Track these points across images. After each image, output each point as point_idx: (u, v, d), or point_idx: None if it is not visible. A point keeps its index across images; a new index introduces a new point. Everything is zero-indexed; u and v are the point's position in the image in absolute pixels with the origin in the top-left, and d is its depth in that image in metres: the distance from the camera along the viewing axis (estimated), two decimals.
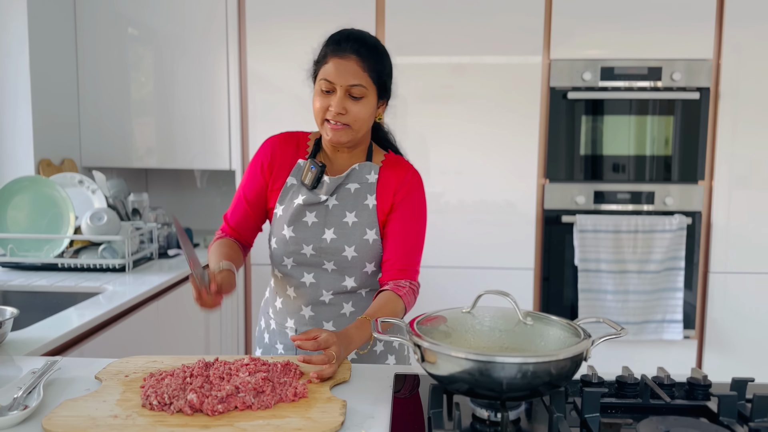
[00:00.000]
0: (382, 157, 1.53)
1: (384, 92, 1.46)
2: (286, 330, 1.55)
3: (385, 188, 1.48)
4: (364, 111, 1.41)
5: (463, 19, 2.79)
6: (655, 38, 2.76)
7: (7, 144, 2.53)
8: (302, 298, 1.51)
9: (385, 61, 1.45)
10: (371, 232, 1.46)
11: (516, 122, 2.83)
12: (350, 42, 1.39)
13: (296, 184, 1.49)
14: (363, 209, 1.47)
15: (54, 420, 1.04)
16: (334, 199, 1.48)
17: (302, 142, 1.55)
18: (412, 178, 1.50)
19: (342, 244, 1.45)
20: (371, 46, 1.41)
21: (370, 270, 1.49)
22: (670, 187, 2.83)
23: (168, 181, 3.43)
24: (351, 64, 1.38)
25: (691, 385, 1.18)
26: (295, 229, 1.46)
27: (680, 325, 2.81)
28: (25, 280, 2.15)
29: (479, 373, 0.98)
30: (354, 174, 1.49)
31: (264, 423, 1.03)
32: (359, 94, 1.39)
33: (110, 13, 2.87)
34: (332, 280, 1.48)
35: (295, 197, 1.48)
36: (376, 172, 1.49)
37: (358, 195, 1.48)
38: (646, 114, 2.80)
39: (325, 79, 1.39)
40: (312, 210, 1.47)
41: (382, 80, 1.43)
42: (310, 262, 1.48)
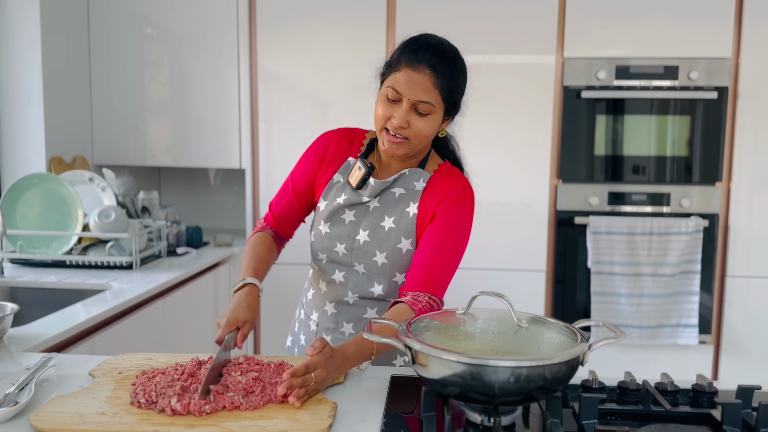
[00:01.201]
0: (436, 166, 1.45)
1: (452, 109, 1.37)
2: (310, 322, 1.52)
3: (429, 197, 1.40)
4: (427, 128, 1.32)
5: (475, 19, 2.75)
6: (672, 36, 2.70)
7: (19, 141, 2.56)
8: (329, 294, 1.47)
9: (461, 78, 1.36)
10: (406, 241, 1.39)
11: (529, 122, 2.79)
12: (428, 54, 1.30)
13: (342, 181, 1.44)
14: (402, 216, 1.40)
15: (42, 416, 1.03)
16: (376, 202, 1.42)
17: (357, 139, 1.49)
18: (462, 191, 1.40)
19: (374, 248, 1.40)
20: (449, 62, 1.32)
21: (400, 280, 1.42)
22: (686, 189, 2.76)
23: (180, 180, 3.44)
24: (424, 78, 1.29)
25: (696, 392, 1.14)
26: (332, 226, 1.43)
27: (696, 329, 2.74)
28: (34, 277, 2.16)
29: (471, 376, 0.96)
30: (402, 179, 1.42)
31: (251, 424, 1.01)
32: (426, 111, 1.31)
33: (123, 11, 2.88)
34: (360, 283, 1.43)
35: (338, 195, 1.43)
36: (425, 181, 1.41)
37: (401, 201, 1.41)
38: (665, 114, 2.74)
39: (393, 87, 1.31)
40: (351, 209, 1.42)
41: (453, 99, 1.35)
42: (342, 260, 1.43)
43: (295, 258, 2.85)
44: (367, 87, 1.50)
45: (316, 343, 1.14)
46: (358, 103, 2.78)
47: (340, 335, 1.47)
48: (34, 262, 2.30)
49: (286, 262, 2.89)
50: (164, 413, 1.05)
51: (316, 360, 1.11)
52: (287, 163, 2.89)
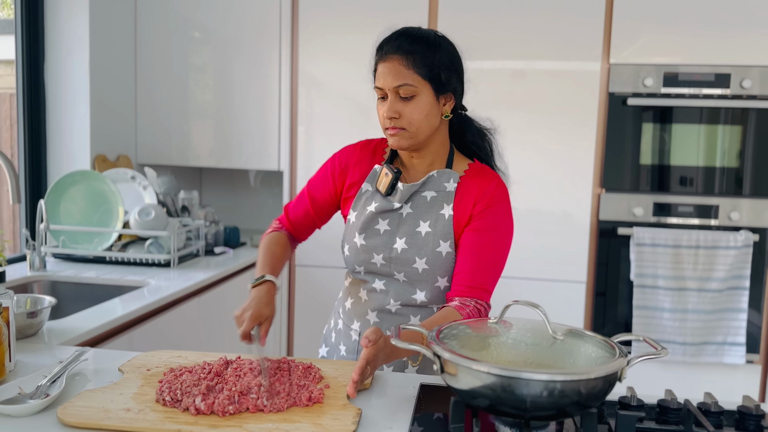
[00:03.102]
0: (466, 165, 1.42)
1: (441, 86, 1.33)
2: (350, 332, 1.48)
3: (464, 198, 1.37)
4: (417, 111, 1.31)
5: (518, 24, 2.70)
6: (723, 43, 2.61)
7: (65, 139, 2.62)
8: (371, 303, 1.43)
9: (436, 51, 1.32)
10: (445, 244, 1.36)
11: (572, 129, 2.72)
12: (391, 41, 1.32)
13: (371, 190, 1.42)
14: (438, 219, 1.36)
15: (69, 410, 1.04)
16: (408, 207, 1.39)
17: (380, 148, 1.48)
18: (496, 189, 1.38)
19: (413, 255, 1.36)
20: (414, 39, 1.31)
21: (442, 285, 1.39)
22: (736, 202, 2.65)
23: (221, 181, 3.48)
24: (393, 64, 1.30)
25: (742, 415, 1.08)
26: (367, 237, 1.40)
27: (743, 348, 2.63)
28: (75, 272, 2.20)
29: (502, 389, 0.92)
30: (431, 181, 1.39)
31: (273, 426, 1.00)
32: (408, 93, 1.30)
33: (169, 14, 2.93)
34: (402, 291, 1.40)
35: (368, 204, 1.41)
36: (456, 181, 1.38)
37: (434, 204, 1.38)
38: (714, 123, 2.64)
39: (376, 86, 1.34)
40: (385, 218, 1.40)
41: (435, 73, 1.31)
42: (380, 271, 1.40)
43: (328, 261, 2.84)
44: None
45: (371, 336, 1.13)
46: None
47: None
48: (75, 257, 2.34)
49: (322, 265, 2.89)
50: (188, 412, 1.04)
51: (373, 353, 1.13)
52: None
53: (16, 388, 1.11)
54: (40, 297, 1.56)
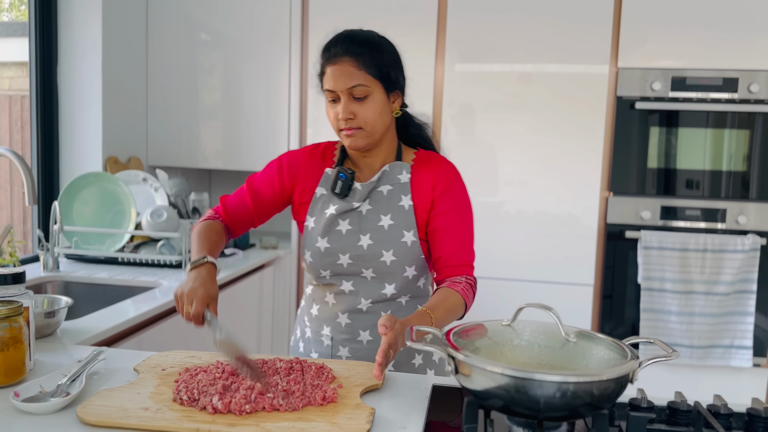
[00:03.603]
0: (413, 155, 1.48)
1: (391, 84, 1.38)
2: (321, 338, 1.50)
3: (420, 186, 1.43)
4: (371, 110, 1.35)
5: (527, 27, 2.72)
6: (731, 48, 2.62)
7: (77, 141, 2.64)
8: (340, 305, 1.46)
9: (382, 51, 1.38)
10: (409, 233, 1.40)
11: (580, 132, 2.74)
12: (339, 44, 1.36)
13: (326, 193, 1.45)
14: (398, 211, 1.41)
15: (88, 409, 1.06)
16: (367, 204, 1.43)
17: (328, 152, 1.51)
18: (447, 170, 1.44)
19: (380, 249, 1.40)
20: (361, 41, 1.36)
21: (410, 274, 1.43)
22: (743, 205, 2.66)
23: (231, 182, 3.50)
24: (344, 66, 1.34)
25: (751, 417, 1.09)
26: (330, 240, 1.42)
27: (750, 351, 2.63)
28: (87, 272, 2.23)
29: (515, 389, 0.94)
30: (385, 176, 1.44)
31: (289, 425, 1.02)
32: (361, 93, 1.34)
33: (180, 18, 2.96)
34: (372, 288, 1.43)
35: (326, 207, 1.44)
36: (408, 171, 1.44)
37: (392, 197, 1.42)
38: (721, 127, 2.66)
39: (327, 89, 1.37)
40: (345, 218, 1.42)
41: (384, 72, 1.36)
42: (348, 271, 1.43)
43: None
44: (413, 93, 1.50)
45: (387, 323, 1.14)
46: None
47: (357, 344, 1.46)
48: (88, 258, 2.37)
49: None
50: (205, 411, 1.06)
51: (393, 336, 1.14)
52: None
53: (37, 387, 1.13)
54: (56, 297, 1.58)
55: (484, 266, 2.91)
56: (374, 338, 1.45)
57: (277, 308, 2.89)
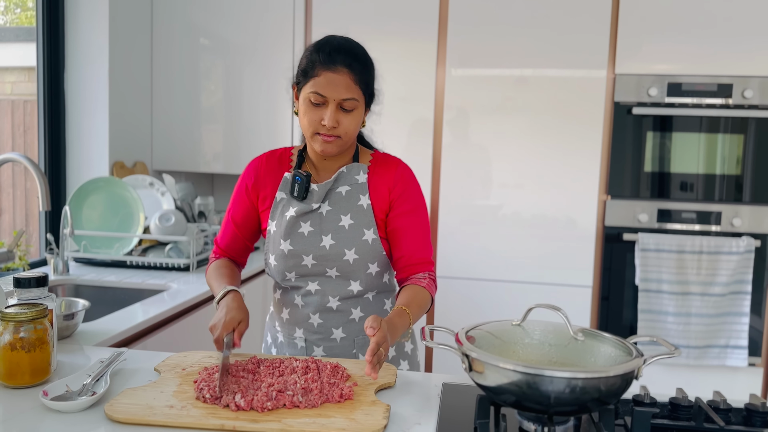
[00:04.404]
0: (369, 156, 1.53)
1: (371, 101, 1.47)
2: (295, 341, 1.53)
3: (378, 186, 1.48)
4: (354, 122, 1.41)
5: (526, 32, 2.78)
6: (726, 54, 2.68)
7: (84, 146, 2.68)
8: (310, 306, 1.49)
9: (372, 70, 1.45)
10: (369, 231, 1.45)
11: (578, 137, 2.79)
12: (341, 54, 1.39)
13: (285, 197, 1.48)
14: (357, 210, 1.46)
15: (115, 407, 1.10)
16: (327, 205, 1.47)
17: (285, 157, 1.55)
18: (403, 172, 1.50)
19: (342, 248, 1.44)
20: (360, 58, 1.41)
21: (374, 271, 1.48)
22: (738, 208, 2.73)
23: (232, 186, 3.54)
24: (343, 78, 1.37)
25: (749, 412, 1.14)
26: (293, 242, 1.45)
27: (745, 351, 2.69)
28: (96, 276, 2.26)
29: (527, 385, 0.98)
30: (343, 177, 1.48)
31: (310, 421, 1.06)
32: (351, 107, 1.39)
33: (184, 24, 3.00)
34: (337, 286, 1.47)
35: (286, 210, 1.47)
36: (365, 172, 1.49)
37: (351, 197, 1.47)
38: (716, 132, 2.72)
39: (316, 92, 1.37)
40: (306, 219, 1.46)
41: (370, 90, 1.44)
42: (312, 272, 1.46)
43: None
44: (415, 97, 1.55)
45: (373, 323, 1.19)
46: (407, 115, 2.83)
47: (331, 342, 1.50)
48: (96, 261, 2.40)
49: None
50: (228, 408, 1.11)
51: (382, 335, 1.18)
52: None
53: (63, 386, 1.17)
54: (74, 300, 1.62)
55: (485, 268, 2.97)
56: (347, 335, 1.49)
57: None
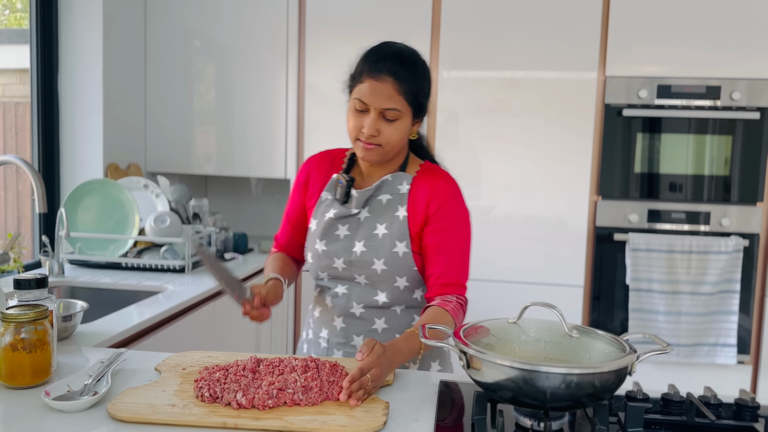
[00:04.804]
0: (417, 166, 1.50)
1: (420, 112, 1.42)
2: (319, 340, 1.55)
3: (417, 199, 1.44)
4: (397, 133, 1.38)
5: (518, 34, 2.81)
6: (714, 57, 2.72)
7: (78, 148, 2.68)
8: (336, 309, 1.50)
9: (423, 80, 1.40)
10: (401, 244, 1.42)
11: (569, 138, 2.83)
12: (387, 62, 1.35)
13: (329, 198, 1.49)
14: (393, 221, 1.44)
15: (118, 406, 1.11)
16: (366, 212, 1.46)
17: (338, 158, 1.55)
18: (446, 187, 1.45)
19: (371, 257, 1.43)
20: (409, 66, 1.37)
21: (402, 285, 1.45)
22: (727, 208, 2.77)
23: (226, 188, 3.55)
24: (387, 87, 1.34)
25: (739, 406, 1.17)
26: (327, 243, 1.46)
27: (734, 349, 2.74)
28: (91, 278, 2.27)
29: (523, 381, 1.01)
30: (385, 185, 1.46)
31: (311, 418, 1.08)
32: (393, 117, 1.36)
33: (178, 26, 3.01)
34: (364, 294, 1.46)
35: (326, 211, 1.48)
36: (409, 182, 1.46)
37: (389, 206, 1.45)
38: (704, 133, 2.76)
39: (359, 99, 1.37)
40: (344, 223, 1.46)
41: (418, 101, 1.40)
42: (342, 275, 1.47)
43: None
44: None
45: (363, 348, 1.19)
46: None
47: (351, 349, 1.49)
48: (91, 263, 2.41)
49: None
50: (230, 407, 1.12)
51: (369, 361, 1.17)
52: None
53: (65, 387, 1.18)
54: (72, 301, 1.63)
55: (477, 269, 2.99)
56: None
57: (277, 311, 2.95)
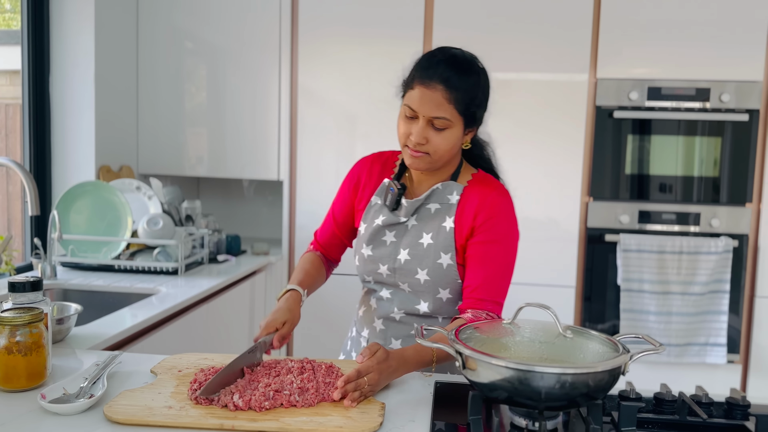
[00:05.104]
0: (470, 176, 1.45)
1: (472, 121, 1.37)
2: (360, 338, 1.55)
3: (465, 210, 1.40)
4: (445, 142, 1.34)
5: (510, 37, 2.82)
6: (704, 59, 2.75)
7: (70, 150, 2.67)
8: (378, 311, 1.49)
9: (477, 89, 1.35)
10: (446, 256, 1.39)
11: (561, 140, 2.85)
12: (439, 68, 1.31)
13: (379, 203, 1.47)
14: (440, 231, 1.40)
15: (114, 408, 1.11)
16: (414, 219, 1.44)
17: (390, 162, 1.52)
18: (496, 198, 1.40)
19: (415, 266, 1.41)
20: (462, 73, 1.32)
21: (445, 297, 1.42)
22: (716, 209, 2.80)
23: (218, 190, 3.55)
24: (436, 95, 1.30)
25: (730, 405, 1.19)
26: (374, 248, 1.45)
27: (724, 348, 2.76)
28: (84, 280, 2.26)
29: (519, 381, 1.02)
30: (436, 194, 1.43)
31: (307, 420, 1.08)
32: (442, 125, 1.32)
33: (170, 28, 3.01)
34: (407, 300, 1.45)
35: (376, 217, 1.46)
36: (459, 193, 1.42)
37: (437, 216, 1.42)
38: (694, 135, 2.79)
39: (408, 105, 1.33)
40: (392, 230, 1.45)
41: (471, 111, 1.34)
42: (387, 281, 1.46)
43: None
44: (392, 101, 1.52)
45: (365, 351, 1.20)
46: (385, 118, 2.88)
47: None
48: (83, 265, 2.40)
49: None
50: (227, 408, 1.12)
51: (368, 365, 1.18)
52: (322, 176, 2.98)
53: (60, 389, 1.18)
54: (66, 304, 1.62)
55: None
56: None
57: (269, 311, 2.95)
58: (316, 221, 3.01)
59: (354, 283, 2.71)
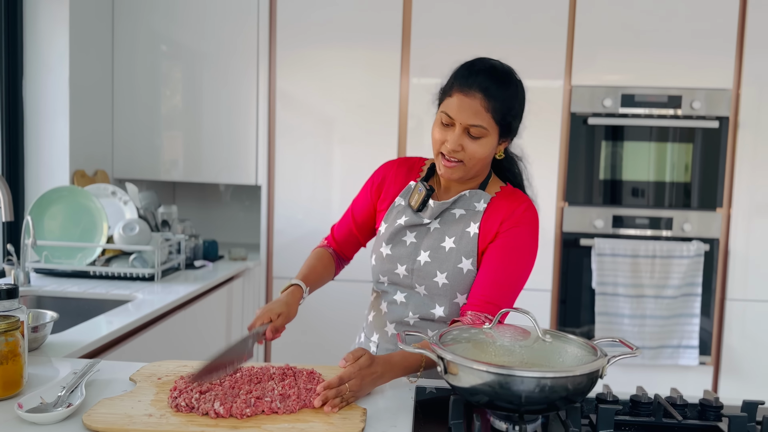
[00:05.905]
0: (498, 188, 1.46)
1: (507, 132, 1.38)
2: (370, 344, 1.53)
3: (491, 217, 1.40)
4: (481, 151, 1.34)
5: (486, 43, 2.85)
6: (676, 67, 2.81)
7: (44, 154, 2.63)
8: (390, 315, 1.48)
9: (515, 100, 1.37)
10: (467, 261, 1.39)
11: (536, 145, 2.85)
12: (479, 77, 1.33)
13: (403, 204, 1.47)
14: (463, 236, 1.40)
15: (93, 417, 1.10)
16: (436, 223, 1.44)
17: (416, 166, 1.53)
18: (525, 212, 1.40)
19: (434, 269, 1.41)
20: (501, 83, 1.34)
21: (461, 302, 1.42)
22: (688, 214, 2.86)
23: (194, 194, 3.52)
24: (474, 103, 1.31)
25: (703, 406, 1.22)
26: (393, 248, 1.45)
27: (696, 350, 2.82)
28: (58, 287, 2.23)
29: (499, 385, 1.03)
30: (462, 200, 1.43)
31: (289, 426, 1.09)
32: (478, 134, 1.33)
33: (146, 31, 2.98)
34: (422, 304, 1.44)
35: (398, 217, 1.46)
36: (486, 201, 1.42)
37: (462, 221, 1.42)
38: (666, 141, 2.85)
39: (445, 112, 1.34)
40: (413, 231, 1.45)
41: (507, 121, 1.36)
42: (403, 282, 1.45)
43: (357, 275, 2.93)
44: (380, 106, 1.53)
45: (348, 356, 1.21)
46: (364, 123, 2.88)
47: None
48: (57, 272, 2.37)
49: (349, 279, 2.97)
50: (207, 416, 1.12)
51: (349, 371, 1.18)
52: (301, 180, 2.98)
53: (37, 399, 1.17)
54: (41, 312, 1.60)
55: None
56: None
57: (247, 319, 2.93)
58: (294, 226, 3.01)
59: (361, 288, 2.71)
